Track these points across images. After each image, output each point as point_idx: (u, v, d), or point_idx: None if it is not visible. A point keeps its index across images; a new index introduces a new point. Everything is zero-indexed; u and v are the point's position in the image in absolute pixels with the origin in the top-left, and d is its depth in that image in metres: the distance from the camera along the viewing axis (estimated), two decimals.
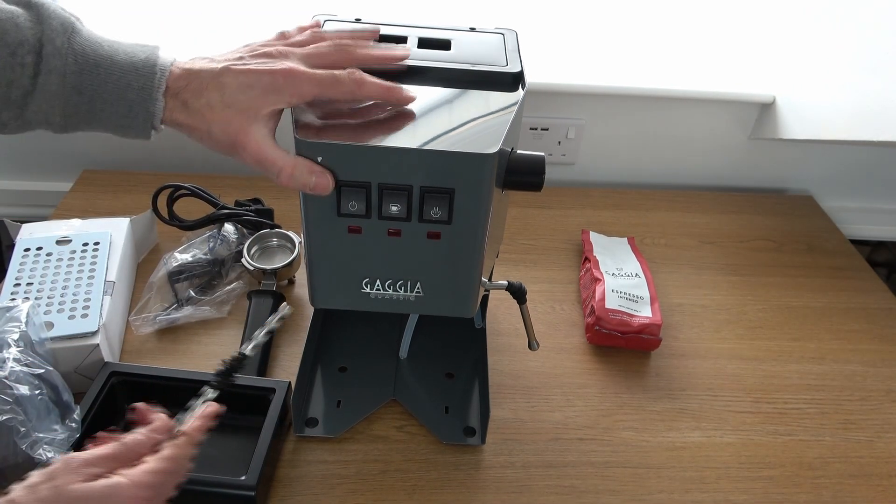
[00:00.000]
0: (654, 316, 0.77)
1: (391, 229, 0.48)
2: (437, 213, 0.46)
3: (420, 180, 0.45)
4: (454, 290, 0.52)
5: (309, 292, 0.53)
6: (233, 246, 0.82)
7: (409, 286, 0.51)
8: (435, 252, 0.49)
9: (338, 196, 0.46)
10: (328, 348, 0.73)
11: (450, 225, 0.47)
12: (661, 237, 0.98)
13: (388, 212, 0.46)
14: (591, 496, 0.63)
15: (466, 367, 0.73)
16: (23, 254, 0.72)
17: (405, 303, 0.52)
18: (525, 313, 0.65)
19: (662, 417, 0.71)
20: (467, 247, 0.49)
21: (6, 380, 0.54)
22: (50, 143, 1.02)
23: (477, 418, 0.68)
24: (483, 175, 0.45)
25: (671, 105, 1.03)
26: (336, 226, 0.48)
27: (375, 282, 0.51)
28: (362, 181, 0.45)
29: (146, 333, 0.74)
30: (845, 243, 1.01)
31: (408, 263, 0.50)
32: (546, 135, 1.03)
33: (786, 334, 0.83)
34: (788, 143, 1.08)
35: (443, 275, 0.50)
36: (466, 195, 0.46)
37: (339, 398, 0.68)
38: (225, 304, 0.78)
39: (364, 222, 0.48)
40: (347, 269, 0.50)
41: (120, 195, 0.96)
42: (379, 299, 0.52)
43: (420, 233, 0.48)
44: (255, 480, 0.55)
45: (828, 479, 0.66)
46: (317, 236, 0.49)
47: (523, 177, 0.49)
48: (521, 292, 0.61)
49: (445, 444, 0.66)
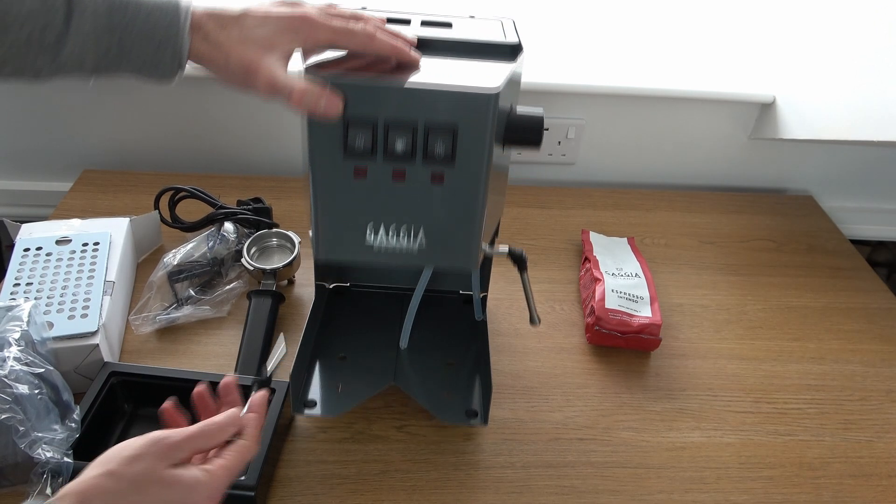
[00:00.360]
0: (653, 316, 0.77)
1: (396, 170, 0.48)
2: (441, 151, 0.47)
3: (425, 116, 0.47)
4: (456, 240, 0.52)
5: (313, 246, 0.53)
6: (232, 245, 0.82)
7: (412, 235, 0.51)
8: (438, 197, 0.50)
9: (345, 132, 0.47)
10: (328, 338, 0.73)
11: (452, 166, 0.48)
12: (661, 237, 0.98)
13: (393, 148, 0.47)
14: (591, 496, 0.63)
15: (468, 357, 0.73)
16: (22, 254, 0.72)
17: (408, 254, 0.52)
18: (526, 283, 0.64)
19: (662, 417, 0.71)
20: (469, 191, 0.50)
21: (6, 379, 0.54)
22: (50, 143, 1.02)
23: (479, 403, 0.67)
24: (485, 114, 0.46)
25: (671, 105, 1.03)
26: (342, 169, 0.49)
27: (379, 229, 0.51)
28: (369, 117, 0.47)
29: (146, 333, 0.74)
30: (845, 243, 1.01)
31: (411, 209, 0.50)
32: (546, 135, 1.03)
33: (786, 334, 0.83)
34: (788, 143, 1.08)
35: (445, 222, 0.51)
36: (469, 135, 0.47)
37: (339, 384, 0.69)
38: (225, 304, 0.78)
39: (369, 163, 0.48)
40: (352, 217, 0.51)
41: (120, 195, 0.96)
42: (382, 250, 0.52)
43: (423, 176, 0.49)
44: (255, 480, 0.55)
45: (828, 479, 0.66)
46: (323, 182, 0.50)
47: (523, 133, 0.50)
48: (522, 259, 0.62)
49: (445, 444, 0.66)
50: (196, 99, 0.98)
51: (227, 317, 0.77)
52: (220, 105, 0.99)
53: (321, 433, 0.66)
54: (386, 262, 0.53)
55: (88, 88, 0.95)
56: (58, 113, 0.98)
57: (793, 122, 0.97)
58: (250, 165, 1.05)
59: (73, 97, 0.96)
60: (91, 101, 0.97)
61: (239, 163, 1.05)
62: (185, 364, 0.71)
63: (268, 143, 1.04)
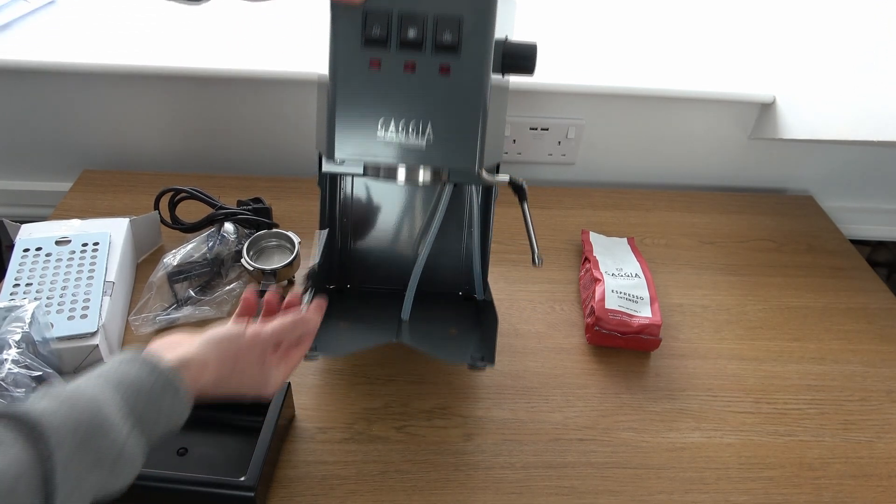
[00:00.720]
0: (653, 316, 0.77)
1: (407, 62, 0.53)
2: (448, 39, 0.53)
3: (434, 9, 0.52)
4: (461, 136, 0.56)
5: (327, 147, 0.56)
6: (232, 246, 0.82)
7: (421, 129, 0.55)
8: (445, 89, 0.54)
9: (364, 22, 0.53)
10: (328, 314, 0.74)
11: (458, 56, 0.53)
12: (661, 237, 0.98)
13: (405, 37, 0.53)
14: (591, 497, 0.63)
15: (472, 328, 0.73)
16: (22, 254, 0.72)
17: (415, 150, 0.56)
18: (527, 215, 0.64)
19: (662, 418, 0.71)
20: (473, 84, 0.54)
21: (3, 382, 0.54)
22: (50, 143, 1.01)
23: (484, 355, 0.67)
24: (486, 6, 0.52)
25: (671, 105, 1.03)
26: (359, 59, 0.54)
27: (390, 123, 0.55)
28: (385, 9, 0.53)
29: (146, 333, 0.74)
30: (845, 243, 1.01)
31: (420, 103, 0.55)
32: (546, 135, 1.03)
33: (786, 334, 0.83)
34: (788, 143, 1.08)
35: (451, 117, 0.55)
36: (473, 26, 0.53)
37: (340, 340, 0.71)
38: (224, 305, 0.78)
39: (384, 54, 0.53)
40: (366, 110, 0.55)
41: (120, 195, 0.96)
42: (392, 147, 0.56)
43: (432, 67, 0.54)
44: (255, 481, 0.55)
45: (828, 479, 0.66)
46: (342, 75, 0.54)
47: (517, 60, 0.57)
48: (522, 189, 0.63)
49: (445, 445, 0.66)
50: (196, 99, 0.98)
51: (226, 317, 0.77)
52: (221, 105, 0.99)
53: (321, 434, 0.66)
54: (395, 161, 0.56)
55: (88, 88, 0.95)
56: (58, 113, 0.98)
57: (793, 122, 0.97)
58: (250, 165, 1.05)
59: (73, 97, 0.96)
60: (91, 101, 0.97)
61: (239, 163, 1.05)
62: None
63: (268, 143, 1.04)
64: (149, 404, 0.44)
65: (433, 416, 0.69)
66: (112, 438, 0.40)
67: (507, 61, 0.57)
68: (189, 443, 0.62)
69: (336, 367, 0.73)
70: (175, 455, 0.61)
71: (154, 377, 0.45)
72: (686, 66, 1.04)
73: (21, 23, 0.98)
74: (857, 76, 0.85)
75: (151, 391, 0.44)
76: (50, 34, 0.96)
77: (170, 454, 0.61)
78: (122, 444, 0.41)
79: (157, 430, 0.45)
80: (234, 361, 0.51)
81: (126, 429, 0.42)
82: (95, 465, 0.39)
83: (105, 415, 0.41)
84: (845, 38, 0.87)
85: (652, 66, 1.04)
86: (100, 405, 0.41)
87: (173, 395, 0.45)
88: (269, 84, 0.96)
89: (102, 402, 0.41)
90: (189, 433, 0.63)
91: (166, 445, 0.61)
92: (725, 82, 1.01)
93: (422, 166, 0.59)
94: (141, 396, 0.43)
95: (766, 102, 1.02)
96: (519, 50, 0.57)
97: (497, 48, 0.54)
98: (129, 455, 0.42)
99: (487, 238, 0.73)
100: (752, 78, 1.02)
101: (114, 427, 0.41)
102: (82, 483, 0.38)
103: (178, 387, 0.46)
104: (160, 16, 1.03)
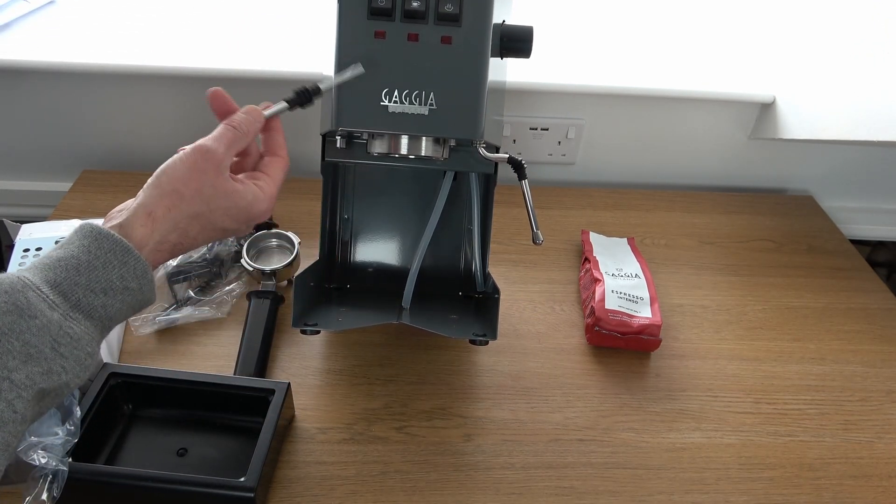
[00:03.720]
0: (653, 316, 0.77)
1: (411, 32, 0.56)
2: (450, 9, 0.55)
3: None
4: (463, 105, 0.57)
5: (333, 116, 0.58)
6: (232, 246, 0.82)
7: (423, 98, 0.57)
8: (447, 57, 0.56)
9: None
10: (329, 302, 0.75)
11: (459, 27, 0.56)
12: (661, 237, 0.98)
13: (410, 8, 0.55)
14: (591, 497, 0.63)
15: (472, 314, 0.74)
16: (22, 254, 0.72)
17: (419, 120, 0.57)
18: (526, 193, 0.64)
19: (662, 418, 0.71)
20: (474, 54, 0.57)
21: None
22: (50, 143, 1.01)
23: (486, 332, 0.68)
24: None
25: (671, 105, 1.03)
26: (365, 30, 0.56)
27: (394, 92, 0.57)
28: None
29: (145, 334, 0.74)
30: (845, 243, 1.01)
31: (423, 72, 0.57)
32: (546, 135, 1.03)
33: (786, 335, 0.83)
34: (788, 143, 1.08)
35: (453, 87, 0.57)
36: None
37: (340, 317, 0.72)
38: (224, 305, 0.78)
39: (389, 25, 0.56)
40: (371, 79, 0.57)
41: (120, 195, 0.95)
42: (396, 116, 0.57)
43: (435, 37, 0.56)
44: (255, 482, 0.55)
45: (828, 479, 0.66)
46: (349, 44, 0.56)
47: (515, 42, 0.59)
48: (521, 166, 0.63)
49: (445, 445, 0.66)
50: (196, 99, 0.98)
51: (226, 318, 0.77)
52: None
53: (321, 434, 0.66)
54: (399, 130, 0.58)
55: (88, 88, 0.95)
56: (58, 113, 0.98)
57: (793, 122, 0.97)
58: None
59: (73, 97, 0.96)
60: (91, 101, 0.97)
61: None
62: (184, 365, 0.71)
63: None
64: (91, 280, 0.40)
65: (433, 416, 0.69)
66: (38, 324, 0.38)
67: (505, 43, 0.58)
68: (189, 443, 0.62)
69: (336, 367, 0.73)
70: (175, 455, 0.61)
71: (90, 251, 0.41)
72: (686, 65, 1.04)
73: (21, 23, 0.98)
74: (857, 76, 0.85)
75: (90, 266, 0.41)
76: (50, 34, 0.96)
77: (169, 454, 0.61)
78: (56, 330, 0.38)
79: (112, 306, 0.41)
80: (186, 190, 0.45)
81: (57, 313, 0.39)
82: (27, 356, 0.37)
83: (25, 302, 0.38)
84: (845, 39, 0.87)
85: (652, 65, 1.03)
86: (16, 293, 0.38)
87: (120, 262, 0.42)
88: (269, 84, 0.96)
89: (20, 290, 0.38)
90: (189, 433, 0.63)
91: (166, 446, 0.61)
92: (725, 82, 1.01)
93: (424, 138, 0.60)
94: (79, 274, 0.40)
95: (766, 102, 1.02)
96: (516, 32, 0.59)
97: (495, 31, 0.57)
98: (70, 340, 0.38)
99: (487, 228, 0.74)
100: (752, 78, 1.02)
101: (38, 312, 0.38)
102: (12, 375, 0.36)
103: (124, 251, 0.42)
104: (160, 16, 1.03)
